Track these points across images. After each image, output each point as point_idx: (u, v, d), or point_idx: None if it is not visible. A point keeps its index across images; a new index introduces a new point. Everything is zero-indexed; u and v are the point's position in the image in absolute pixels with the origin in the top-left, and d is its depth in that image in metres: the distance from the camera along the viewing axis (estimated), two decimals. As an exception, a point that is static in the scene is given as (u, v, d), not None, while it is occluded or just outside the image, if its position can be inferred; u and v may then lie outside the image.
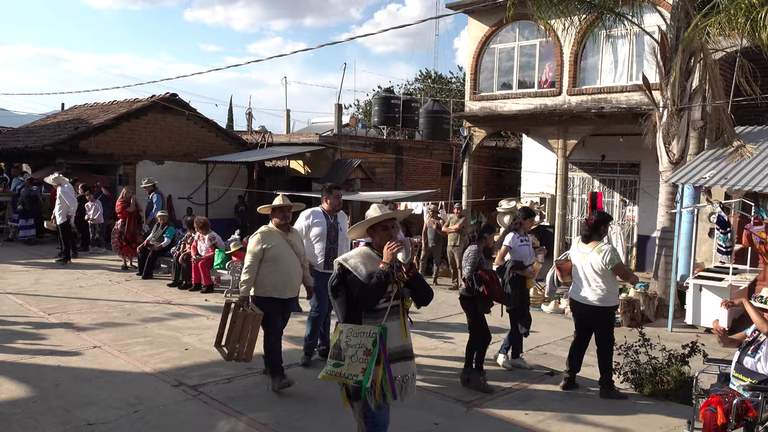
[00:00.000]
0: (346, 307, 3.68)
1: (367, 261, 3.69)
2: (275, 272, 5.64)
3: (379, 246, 3.75)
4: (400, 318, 3.71)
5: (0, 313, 8.25)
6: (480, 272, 6.05)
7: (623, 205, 14.48)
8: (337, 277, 3.71)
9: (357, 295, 3.59)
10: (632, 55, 12.72)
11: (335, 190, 6.67)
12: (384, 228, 3.81)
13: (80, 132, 16.10)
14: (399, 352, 3.69)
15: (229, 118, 34.49)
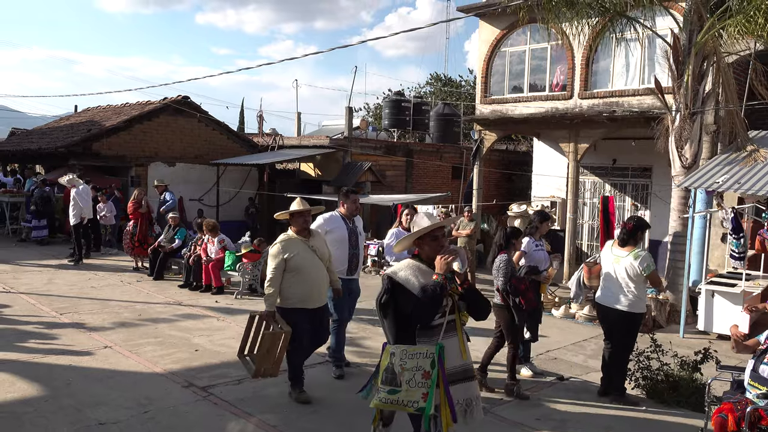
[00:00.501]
0: (396, 326, 3.39)
1: (417, 273, 3.42)
2: (300, 282, 5.33)
3: (429, 257, 3.48)
4: (458, 334, 3.44)
5: (13, 313, 8.32)
6: (514, 282, 5.96)
7: (635, 210, 14.40)
8: (386, 293, 3.41)
9: (411, 310, 3.30)
10: (644, 58, 12.66)
11: (353, 194, 6.46)
12: (434, 238, 3.53)
13: (93, 134, 16.23)
14: (459, 372, 3.41)
15: (240, 120, 34.67)
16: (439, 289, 3.27)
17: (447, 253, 3.37)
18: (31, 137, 19.45)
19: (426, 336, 3.33)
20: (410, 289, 3.34)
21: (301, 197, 5.79)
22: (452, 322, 3.41)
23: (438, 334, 3.34)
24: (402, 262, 3.53)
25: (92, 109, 21.01)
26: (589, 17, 10.35)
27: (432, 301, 3.26)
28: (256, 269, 10.20)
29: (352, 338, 7.56)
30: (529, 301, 5.93)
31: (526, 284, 6.02)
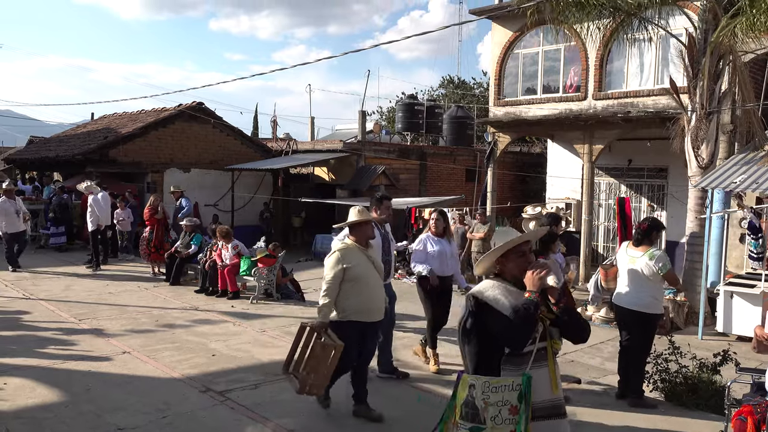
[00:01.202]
0: (480, 354, 3.03)
1: (505, 292, 3.04)
2: (357, 293, 5.09)
3: (515, 275, 3.11)
4: (549, 364, 3.04)
5: (32, 319, 8.43)
6: None
7: (651, 211, 14.28)
8: (471, 316, 3.04)
9: (501, 334, 2.94)
10: (659, 58, 12.58)
11: (386, 200, 6.33)
12: (520, 254, 3.15)
13: (109, 141, 16.40)
14: (548, 408, 3.03)
15: (254, 125, 34.84)
16: (533, 307, 2.92)
17: (538, 268, 3.03)
18: (49, 145, 19.71)
19: (513, 365, 2.98)
20: (500, 309, 2.96)
21: (363, 206, 5.49)
22: (543, 350, 3.03)
23: (526, 363, 2.96)
24: (485, 282, 3.16)
25: (108, 116, 21.25)
26: (599, 18, 10.31)
27: (526, 321, 2.90)
28: (272, 274, 10.25)
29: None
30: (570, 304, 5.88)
31: (566, 290, 5.97)
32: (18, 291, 10.22)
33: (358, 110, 19.12)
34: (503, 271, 3.18)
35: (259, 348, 7.28)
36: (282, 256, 10.63)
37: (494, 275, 3.21)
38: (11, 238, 11.97)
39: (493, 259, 3.20)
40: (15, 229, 11.96)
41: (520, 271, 3.09)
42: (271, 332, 8.02)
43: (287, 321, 8.69)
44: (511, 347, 2.95)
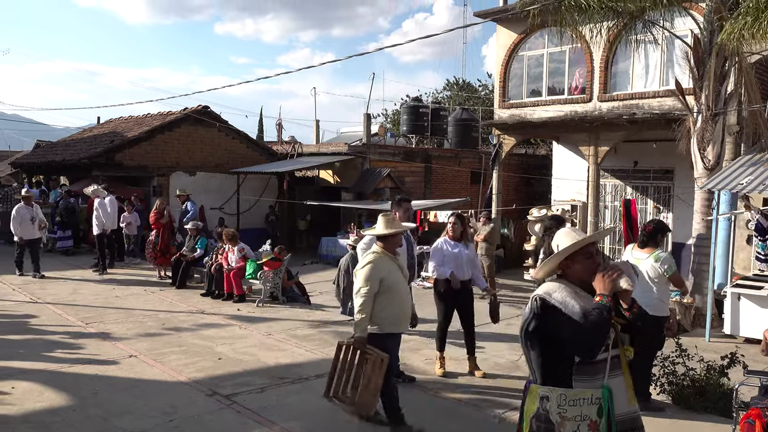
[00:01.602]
0: (546, 361, 2.81)
1: (574, 295, 2.82)
2: (392, 303, 4.95)
3: (582, 278, 2.89)
4: (624, 373, 2.83)
5: (40, 323, 8.47)
6: None
7: (657, 212, 14.23)
8: (536, 318, 2.81)
9: (571, 340, 2.69)
10: (664, 60, 12.55)
11: (405, 202, 6.28)
12: (587, 255, 2.91)
13: (115, 145, 16.47)
14: (627, 420, 2.81)
15: (260, 129, 34.92)
16: (606, 312, 2.67)
17: (610, 270, 2.78)
18: (56, 149, 19.81)
19: (586, 375, 2.73)
20: (569, 313, 2.72)
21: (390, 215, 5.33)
22: (616, 358, 2.80)
23: (602, 373, 2.73)
24: (551, 283, 2.93)
25: (115, 120, 21.34)
26: (602, 21, 10.29)
27: (599, 327, 2.65)
28: (277, 277, 10.27)
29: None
30: None
31: None
32: (25, 295, 10.27)
33: (363, 113, 19.15)
34: (568, 274, 2.96)
35: (266, 351, 7.29)
36: (288, 260, 10.65)
37: (557, 276, 3.00)
38: (25, 244, 11.96)
39: (558, 261, 2.97)
40: (30, 236, 11.92)
41: (587, 274, 2.87)
42: (277, 335, 8.03)
43: (293, 324, 8.71)
44: (582, 355, 2.72)
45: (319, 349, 7.40)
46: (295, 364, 6.84)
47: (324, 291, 11.67)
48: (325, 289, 11.67)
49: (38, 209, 12.40)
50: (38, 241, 12.38)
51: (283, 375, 6.40)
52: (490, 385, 6.29)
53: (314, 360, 6.99)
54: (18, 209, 11.95)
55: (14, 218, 11.89)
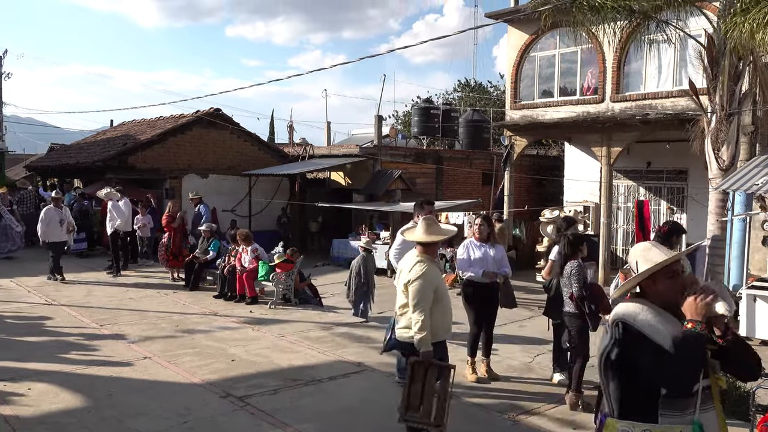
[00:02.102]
0: (628, 393, 2.51)
1: (661, 319, 2.51)
2: (444, 310, 4.80)
3: (665, 299, 2.59)
4: (716, 405, 2.53)
5: (55, 325, 8.55)
6: (596, 289, 5.84)
7: (671, 213, 14.13)
8: (617, 345, 2.50)
9: (660, 372, 2.40)
10: (677, 59, 12.46)
11: (428, 205, 6.19)
12: (671, 274, 2.61)
13: (128, 148, 16.60)
14: None
15: (271, 131, 35.04)
16: (701, 341, 2.39)
17: (704, 292, 2.48)
18: (69, 152, 19.99)
19: (675, 409, 2.43)
20: (657, 340, 2.42)
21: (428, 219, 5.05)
22: (707, 389, 2.50)
23: (693, 407, 2.43)
24: (634, 305, 2.59)
25: (127, 123, 21.51)
26: (615, 21, 10.23)
27: (693, 359, 2.36)
28: (290, 279, 10.29)
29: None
30: (606, 307, 5.77)
31: (600, 290, 5.90)
32: (40, 297, 10.36)
33: (374, 115, 19.17)
34: (648, 293, 2.65)
35: (278, 353, 7.31)
36: (300, 261, 10.67)
37: (635, 295, 2.71)
38: (51, 246, 11.74)
39: (638, 282, 2.67)
40: (56, 238, 11.73)
41: (672, 294, 2.58)
42: (290, 337, 8.05)
43: (305, 326, 8.73)
44: (673, 389, 2.41)
45: (332, 351, 7.41)
46: (308, 365, 6.85)
47: (336, 293, 11.69)
48: (337, 291, 11.69)
49: (67, 212, 12.29)
50: (63, 245, 12.23)
51: (296, 377, 6.42)
52: (504, 388, 6.27)
53: (327, 362, 7.00)
54: (47, 211, 11.82)
55: (42, 220, 11.72)
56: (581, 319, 5.90)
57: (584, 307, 5.79)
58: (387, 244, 15.20)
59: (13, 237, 14.29)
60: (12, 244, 14.25)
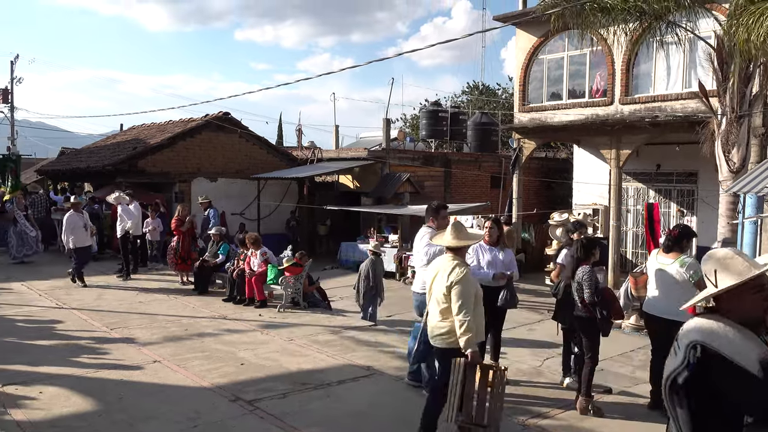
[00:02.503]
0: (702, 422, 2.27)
1: (743, 338, 2.25)
2: (480, 313, 4.80)
3: (748, 315, 2.33)
4: None
5: (66, 328, 8.60)
6: (607, 294, 5.80)
7: (680, 216, 14.06)
8: (689, 368, 2.25)
9: (746, 398, 2.18)
10: (686, 61, 12.41)
11: (443, 209, 6.14)
12: (758, 288, 2.35)
13: (138, 152, 16.69)
14: None
15: (279, 134, 35.19)
16: None
17: None
18: (80, 156, 20.13)
19: None
20: (741, 362, 2.16)
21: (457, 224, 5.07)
22: None
23: None
24: (710, 322, 2.33)
25: (137, 127, 21.63)
26: (625, 23, 10.20)
27: None
28: (298, 282, 10.31)
29: (393, 350, 7.57)
30: (617, 311, 5.76)
31: (611, 295, 5.88)
32: (52, 300, 10.43)
33: (383, 118, 19.20)
34: (726, 308, 2.38)
35: (287, 357, 7.33)
36: (309, 265, 10.69)
37: (708, 309, 2.46)
38: (78, 252, 11.78)
39: (715, 295, 2.42)
40: (82, 243, 11.80)
41: (756, 310, 2.33)
42: (299, 341, 8.06)
43: (314, 330, 8.74)
44: (763, 415, 2.18)
45: (341, 355, 7.41)
46: (317, 369, 6.86)
47: (344, 296, 11.71)
48: (345, 294, 11.71)
49: (86, 216, 12.27)
50: (89, 249, 12.20)
51: (305, 381, 6.43)
52: (513, 392, 6.24)
53: (336, 365, 7.01)
54: (70, 217, 11.76)
55: (66, 227, 11.70)
56: (592, 324, 5.87)
57: (596, 313, 5.76)
58: (395, 247, 15.24)
59: (28, 242, 14.33)
60: (28, 249, 14.29)
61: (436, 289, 4.81)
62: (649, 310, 5.87)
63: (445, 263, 4.79)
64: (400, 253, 14.96)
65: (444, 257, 4.90)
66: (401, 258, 14.88)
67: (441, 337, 4.74)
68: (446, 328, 4.68)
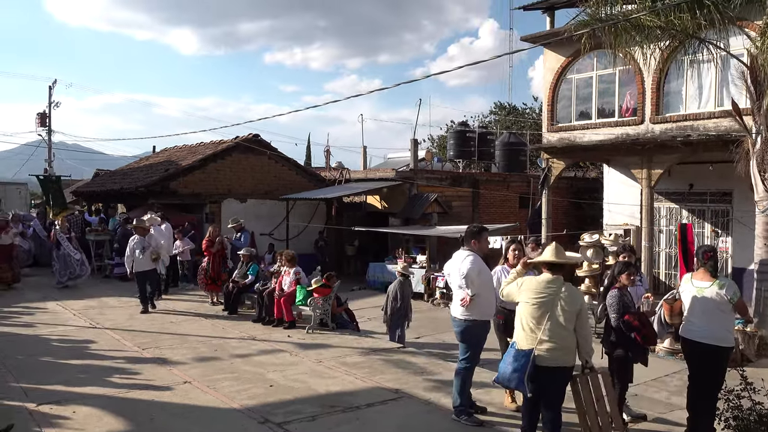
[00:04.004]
0: None
1: None
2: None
3: None
4: None
5: (99, 348, 8.73)
6: (628, 318, 5.70)
7: (715, 236, 13.76)
8: None
9: None
10: (719, 79, 12.23)
11: (485, 231, 6.19)
12: None
13: (170, 173, 17.01)
14: None
15: (307, 155, 35.50)
16: None
17: None
18: (114, 178, 20.59)
19: None
20: None
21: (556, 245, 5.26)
22: None
23: None
24: None
25: (169, 149, 22.07)
26: (658, 41, 10.12)
27: None
28: (327, 303, 10.33)
29: (422, 372, 7.51)
30: (646, 337, 5.64)
31: (641, 319, 5.75)
32: (85, 320, 10.61)
33: (410, 138, 19.28)
34: None
35: (316, 379, 7.32)
36: (337, 286, 10.71)
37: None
38: (139, 276, 11.43)
39: None
40: (142, 267, 11.38)
41: None
42: (327, 363, 8.05)
43: (343, 351, 8.72)
44: None
45: (369, 377, 7.38)
46: (345, 392, 6.83)
47: (372, 317, 11.68)
48: (373, 315, 11.68)
49: (152, 238, 11.82)
50: (154, 272, 11.71)
51: (334, 403, 6.40)
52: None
53: (364, 388, 6.97)
54: (131, 240, 11.49)
55: (129, 252, 11.44)
56: (623, 348, 5.75)
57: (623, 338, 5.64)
58: (423, 268, 15.19)
59: (72, 264, 14.18)
60: (71, 273, 14.15)
61: (557, 312, 4.84)
62: (689, 336, 5.68)
63: (554, 286, 4.92)
64: (428, 274, 14.90)
65: (546, 279, 4.99)
66: (429, 279, 14.82)
67: (555, 353, 4.84)
68: (568, 348, 4.90)
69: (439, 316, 12.69)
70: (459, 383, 5.94)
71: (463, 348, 6.03)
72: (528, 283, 5.08)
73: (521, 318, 5.00)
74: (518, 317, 5.05)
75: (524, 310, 4.99)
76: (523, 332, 4.94)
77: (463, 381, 5.95)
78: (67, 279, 14.02)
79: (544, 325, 4.83)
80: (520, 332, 4.97)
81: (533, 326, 4.88)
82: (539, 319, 4.87)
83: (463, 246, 6.16)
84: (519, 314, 5.05)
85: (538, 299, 4.92)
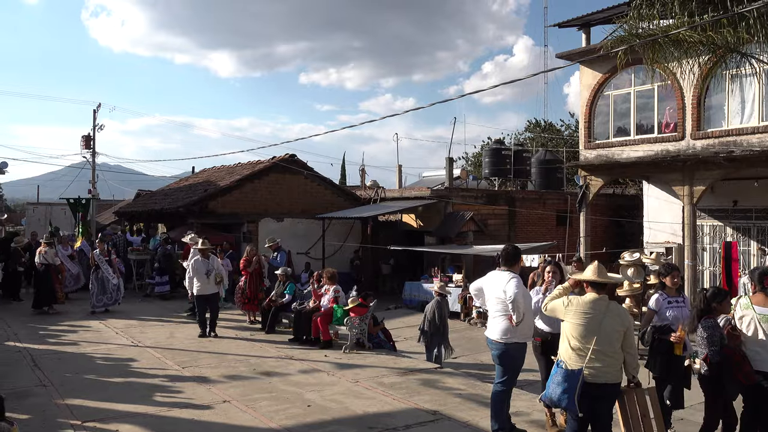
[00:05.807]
0: None
1: None
2: None
3: None
4: None
5: (140, 366, 8.88)
6: (727, 352, 5.35)
7: (761, 255, 13.34)
8: None
9: None
10: (762, 93, 11.95)
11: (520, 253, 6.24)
12: None
13: (209, 194, 17.34)
14: None
15: (342, 174, 35.80)
16: None
17: None
18: (155, 198, 21.07)
19: None
20: None
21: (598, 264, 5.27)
22: None
23: None
24: None
25: (208, 169, 22.52)
26: (698, 56, 9.95)
27: None
28: (363, 323, 10.33)
29: (460, 393, 7.43)
30: (747, 374, 5.23)
31: (739, 354, 5.35)
32: (127, 338, 10.82)
33: (445, 157, 19.30)
34: None
35: (353, 399, 7.30)
36: (374, 305, 10.71)
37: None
38: (200, 300, 11.13)
39: None
40: (203, 291, 11.08)
41: None
42: (365, 383, 8.03)
43: (380, 371, 8.69)
44: None
45: (407, 398, 7.33)
46: (383, 413, 6.80)
47: (408, 337, 11.63)
48: (410, 335, 11.63)
49: (215, 261, 11.45)
50: (215, 297, 11.33)
51: (371, 424, 6.37)
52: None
53: (402, 409, 6.93)
54: (196, 263, 11.18)
55: (190, 274, 11.19)
56: (714, 383, 5.43)
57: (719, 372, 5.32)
58: (459, 287, 15.08)
59: (109, 289, 13.84)
60: (108, 298, 13.82)
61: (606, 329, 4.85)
62: (760, 367, 5.29)
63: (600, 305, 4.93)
64: (464, 293, 14.78)
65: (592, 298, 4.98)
66: (466, 298, 14.70)
67: (609, 374, 4.85)
68: (616, 365, 4.90)
69: (475, 336, 12.55)
70: (497, 406, 5.88)
71: (500, 371, 5.98)
72: (575, 302, 5.02)
73: (568, 337, 4.94)
74: (564, 336, 4.99)
75: (571, 329, 4.93)
76: (571, 351, 4.88)
77: (501, 403, 5.88)
78: (102, 305, 13.60)
79: (593, 345, 4.78)
80: (569, 352, 4.90)
81: (581, 345, 4.83)
82: (587, 338, 4.82)
83: (500, 267, 6.10)
84: (565, 333, 4.98)
85: (585, 318, 4.87)
